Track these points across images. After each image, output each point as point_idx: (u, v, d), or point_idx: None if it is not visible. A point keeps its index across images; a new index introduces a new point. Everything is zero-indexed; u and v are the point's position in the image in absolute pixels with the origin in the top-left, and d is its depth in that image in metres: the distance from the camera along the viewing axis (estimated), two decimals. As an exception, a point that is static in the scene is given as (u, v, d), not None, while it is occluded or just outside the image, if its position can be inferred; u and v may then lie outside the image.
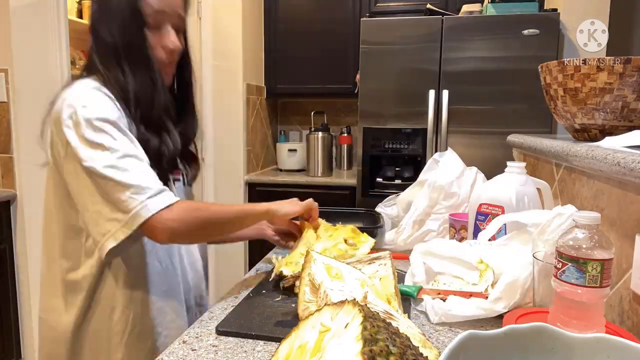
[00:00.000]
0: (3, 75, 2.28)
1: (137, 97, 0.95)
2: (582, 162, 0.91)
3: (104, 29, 0.95)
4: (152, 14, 0.95)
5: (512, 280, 0.83)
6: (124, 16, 0.93)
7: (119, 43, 0.94)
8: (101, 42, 0.96)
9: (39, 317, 1.02)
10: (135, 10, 0.93)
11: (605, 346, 0.48)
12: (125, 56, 0.95)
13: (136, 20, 0.94)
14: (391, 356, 0.46)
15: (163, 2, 0.96)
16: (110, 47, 0.95)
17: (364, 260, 0.93)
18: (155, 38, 0.97)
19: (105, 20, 0.95)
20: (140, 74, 0.95)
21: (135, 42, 0.95)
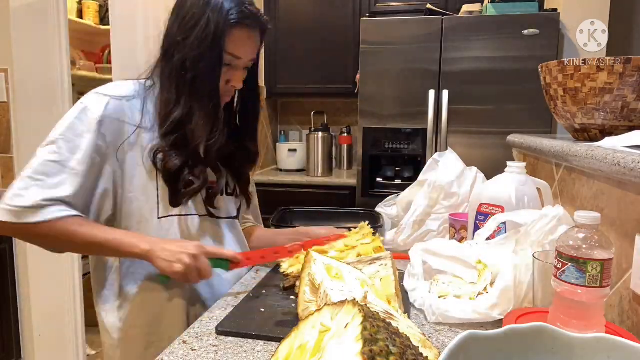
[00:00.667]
0: (3, 75, 2.28)
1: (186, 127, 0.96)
2: (582, 162, 0.91)
3: (178, 53, 0.96)
4: (229, 55, 0.97)
5: (505, 286, 0.83)
6: (204, 48, 0.94)
7: (190, 72, 0.95)
8: (169, 61, 0.98)
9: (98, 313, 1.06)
10: (217, 46, 0.94)
11: (605, 346, 0.48)
12: (190, 86, 0.96)
13: (215, 56, 0.95)
14: (391, 356, 0.46)
15: (242, 48, 0.98)
16: (176, 70, 0.96)
17: (364, 261, 0.93)
18: (224, 73, 0.99)
19: (183, 44, 0.95)
20: (200, 107, 0.96)
21: (206, 77, 0.96)
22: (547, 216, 0.88)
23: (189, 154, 0.98)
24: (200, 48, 0.94)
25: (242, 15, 0.95)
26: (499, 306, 0.82)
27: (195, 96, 0.96)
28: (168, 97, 0.97)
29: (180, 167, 0.97)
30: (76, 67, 2.86)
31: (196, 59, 0.94)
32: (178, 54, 0.96)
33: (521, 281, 0.84)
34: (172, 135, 0.97)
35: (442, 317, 0.85)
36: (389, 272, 0.87)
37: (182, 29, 0.96)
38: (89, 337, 2.49)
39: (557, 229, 0.86)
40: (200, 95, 0.96)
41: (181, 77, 0.96)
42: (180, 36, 0.95)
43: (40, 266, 2.33)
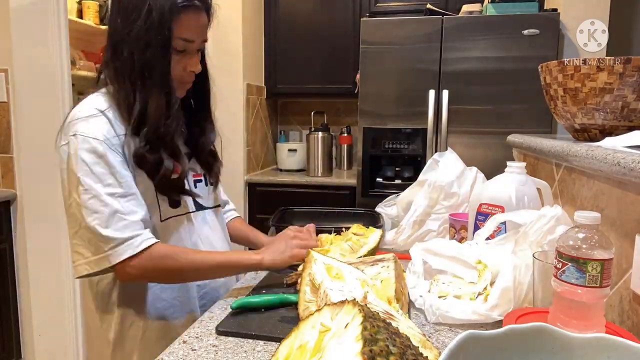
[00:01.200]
0: (3, 75, 2.28)
1: (146, 119, 0.95)
2: (582, 162, 0.91)
3: (125, 46, 0.94)
4: (180, 41, 0.95)
5: (505, 286, 0.83)
6: (148, 38, 0.92)
7: (138, 63, 0.94)
8: (118, 58, 0.96)
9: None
10: (164, 35, 0.93)
11: (605, 346, 0.48)
12: (141, 77, 0.94)
13: (163, 45, 0.93)
14: (391, 356, 0.46)
15: (193, 31, 0.96)
16: (126, 65, 0.95)
17: (367, 262, 0.93)
18: (179, 60, 0.97)
19: (125, 36, 0.94)
20: (155, 96, 0.95)
21: (156, 65, 0.94)
22: (546, 216, 0.88)
23: (163, 145, 0.98)
24: (146, 38, 0.92)
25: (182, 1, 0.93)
26: (498, 307, 0.82)
27: (149, 87, 0.95)
28: (126, 94, 0.96)
29: (156, 161, 0.96)
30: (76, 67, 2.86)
31: (143, 49, 0.93)
32: (126, 49, 0.94)
33: (521, 282, 0.84)
34: (140, 131, 0.95)
35: (442, 318, 0.85)
36: (391, 275, 0.87)
37: (125, 23, 0.94)
38: (89, 337, 2.49)
39: (556, 229, 0.86)
40: (153, 85, 0.95)
41: (132, 70, 0.94)
42: (125, 30, 0.94)
43: (40, 266, 2.33)
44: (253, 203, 2.95)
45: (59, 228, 2.29)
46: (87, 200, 0.89)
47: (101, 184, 0.90)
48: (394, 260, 0.91)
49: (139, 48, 0.93)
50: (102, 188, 0.90)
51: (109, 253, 0.89)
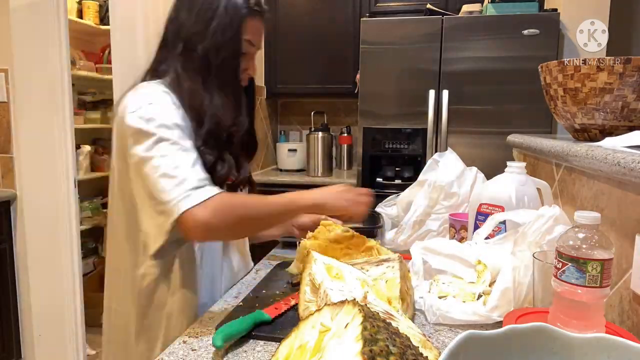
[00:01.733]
0: (3, 75, 2.28)
1: (214, 118, 0.95)
2: (582, 162, 0.91)
3: (200, 44, 0.95)
4: (247, 43, 0.99)
5: (505, 287, 0.83)
6: (223, 37, 0.95)
7: (212, 61, 0.96)
8: (188, 54, 0.97)
9: (108, 307, 1.05)
10: (236, 35, 0.96)
11: (605, 346, 0.48)
12: (215, 75, 0.97)
13: (237, 45, 0.97)
14: (391, 356, 0.46)
15: (256, 36, 1.01)
16: (199, 61, 0.96)
17: (372, 262, 0.93)
18: (242, 62, 1.01)
19: (200, 32, 0.95)
20: (226, 96, 0.97)
21: (229, 65, 0.97)
22: (544, 216, 0.88)
23: (221, 146, 0.97)
24: (222, 37, 0.95)
25: (254, 4, 0.98)
26: (499, 308, 0.82)
27: (220, 85, 0.97)
28: (195, 89, 0.96)
29: (214, 162, 0.96)
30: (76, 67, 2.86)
31: (218, 48, 0.95)
32: (200, 45, 0.95)
33: (520, 282, 0.84)
34: (205, 127, 0.95)
35: (442, 318, 0.85)
36: (396, 275, 0.87)
37: (199, 20, 0.96)
38: (89, 337, 2.49)
39: (554, 229, 0.86)
40: (225, 83, 0.98)
41: (205, 67, 0.96)
42: (198, 27, 0.96)
43: (40, 266, 2.33)
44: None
45: (59, 228, 2.29)
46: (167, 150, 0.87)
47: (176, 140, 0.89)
48: (399, 261, 0.91)
49: (214, 48, 0.95)
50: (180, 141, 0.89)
51: (187, 194, 0.84)
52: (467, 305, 0.85)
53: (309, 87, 3.12)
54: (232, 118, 0.98)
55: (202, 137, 0.95)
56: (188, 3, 0.98)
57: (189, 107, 0.95)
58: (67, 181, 2.26)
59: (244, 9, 0.97)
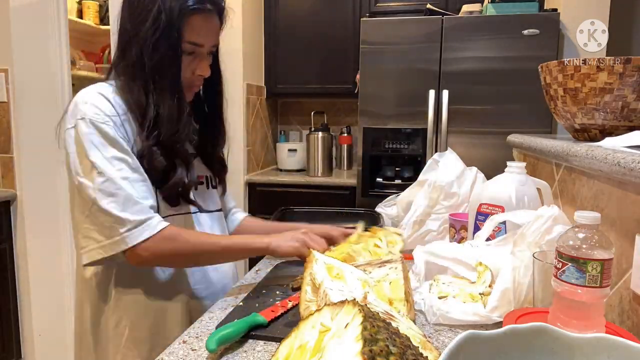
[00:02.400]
0: (3, 75, 2.28)
1: (158, 121, 0.94)
2: (582, 162, 0.91)
3: (135, 47, 0.93)
4: (189, 44, 0.94)
5: (505, 288, 0.83)
6: (160, 40, 0.91)
7: (149, 64, 0.93)
8: (129, 59, 0.94)
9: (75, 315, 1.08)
10: (173, 38, 0.91)
11: (605, 346, 0.48)
12: (152, 78, 0.94)
13: (173, 48, 0.92)
14: (391, 356, 0.46)
15: (204, 34, 0.95)
16: (138, 66, 0.93)
17: (374, 263, 0.92)
18: (188, 64, 0.96)
19: (138, 38, 0.92)
20: (166, 101, 0.94)
21: (167, 68, 0.93)
22: (543, 217, 0.88)
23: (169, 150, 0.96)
24: (154, 39, 0.91)
25: (196, 1, 0.92)
26: (499, 308, 0.82)
27: (159, 89, 0.94)
28: (137, 96, 0.94)
29: (164, 169, 0.95)
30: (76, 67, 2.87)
31: (152, 51, 0.92)
32: (134, 49, 0.93)
33: (520, 283, 0.84)
34: (153, 133, 0.94)
35: (442, 318, 0.85)
36: (399, 276, 0.87)
37: (134, 22, 0.93)
38: (89, 337, 2.48)
39: (553, 229, 0.86)
40: (164, 86, 0.94)
41: (141, 71, 0.93)
42: (133, 30, 0.93)
43: (40, 266, 2.33)
44: (253, 203, 2.95)
45: (59, 228, 2.29)
46: (102, 183, 0.87)
47: (114, 167, 0.89)
48: (401, 262, 0.91)
49: (147, 50, 0.92)
50: (116, 172, 0.89)
51: (125, 235, 0.87)
52: (468, 306, 0.85)
53: (309, 87, 3.12)
54: (176, 121, 0.95)
55: (149, 141, 0.94)
56: (128, 7, 0.96)
57: (131, 111, 0.94)
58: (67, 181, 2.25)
59: (186, 7, 0.91)
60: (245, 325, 0.80)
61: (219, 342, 0.74)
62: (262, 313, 0.85)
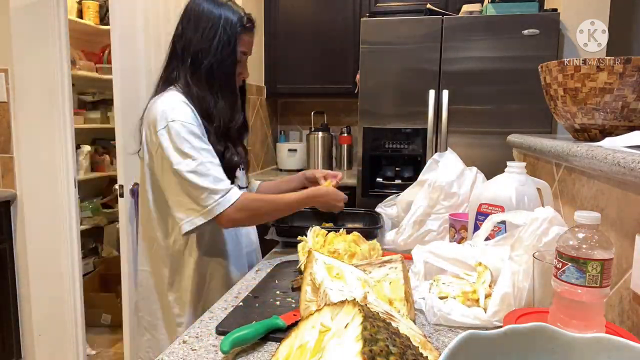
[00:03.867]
0: (3, 75, 2.28)
1: (220, 117, 1.20)
2: (582, 162, 0.91)
3: (202, 57, 1.19)
4: (241, 54, 1.24)
5: (505, 292, 0.83)
6: (223, 52, 1.19)
7: (215, 72, 1.20)
8: (196, 66, 1.20)
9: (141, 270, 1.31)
10: (233, 49, 1.21)
11: (605, 346, 0.48)
12: (217, 83, 1.20)
13: (232, 57, 1.22)
14: (391, 356, 0.46)
15: (248, 46, 1.26)
16: (204, 72, 1.20)
17: (374, 263, 0.92)
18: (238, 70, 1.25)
19: (205, 49, 1.19)
20: (227, 99, 1.22)
21: (228, 73, 1.22)
22: (538, 219, 0.87)
23: (226, 138, 1.23)
24: (222, 53, 1.19)
25: (244, 23, 1.22)
26: (499, 312, 0.82)
27: (222, 89, 1.21)
28: (203, 94, 1.20)
29: (223, 152, 1.22)
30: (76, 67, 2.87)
31: (220, 61, 1.20)
32: (205, 59, 1.19)
33: (520, 287, 0.84)
34: (213, 125, 1.20)
35: (443, 319, 0.85)
36: (399, 276, 0.87)
37: (204, 39, 1.19)
38: (89, 337, 2.49)
39: (550, 231, 0.86)
40: (225, 88, 1.22)
41: (210, 76, 1.20)
42: (203, 45, 1.19)
43: (40, 266, 2.33)
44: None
45: (59, 228, 2.29)
46: (196, 166, 1.12)
47: (202, 155, 1.14)
48: (401, 261, 0.91)
49: (217, 60, 1.19)
50: (204, 158, 1.14)
51: (220, 201, 1.13)
52: (468, 309, 0.85)
53: (309, 87, 3.12)
54: (231, 115, 1.24)
55: (212, 133, 1.20)
56: (194, 23, 1.20)
57: (199, 109, 1.19)
58: (67, 181, 2.26)
59: (239, 27, 1.21)
60: (262, 329, 0.79)
61: (232, 343, 0.73)
62: (283, 317, 0.84)
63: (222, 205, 1.13)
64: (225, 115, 1.22)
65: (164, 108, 1.16)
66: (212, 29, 1.19)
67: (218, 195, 1.13)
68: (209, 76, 1.20)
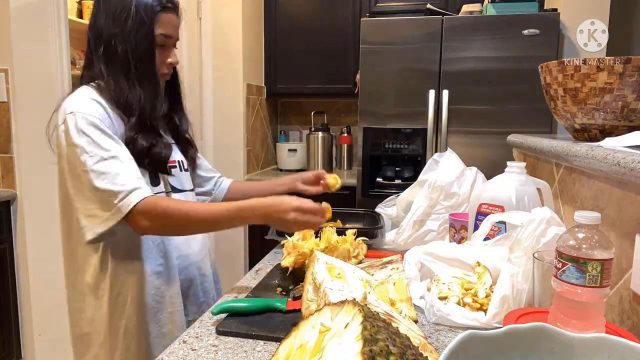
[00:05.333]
0: (3, 75, 2.28)
1: (140, 106, 1.07)
2: (582, 162, 0.91)
3: (115, 43, 1.06)
4: (161, 36, 1.09)
5: (504, 295, 0.83)
6: (137, 35, 1.06)
7: (130, 57, 1.06)
8: (110, 54, 1.07)
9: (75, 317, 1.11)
10: (149, 31, 1.07)
11: (605, 346, 0.48)
12: (134, 70, 1.07)
13: (149, 40, 1.07)
14: (391, 356, 0.46)
15: (171, 28, 1.11)
16: (119, 59, 1.06)
17: (375, 265, 0.92)
18: (159, 54, 1.11)
19: (117, 34, 1.05)
20: (146, 86, 1.08)
21: (145, 59, 1.08)
22: (535, 220, 0.87)
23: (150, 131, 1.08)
24: (137, 37, 1.06)
25: (162, 2, 1.09)
26: (499, 315, 0.82)
27: (140, 77, 1.08)
28: (120, 87, 1.06)
29: (147, 146, 1.07)
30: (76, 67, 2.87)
31: (135, 45, 1.06)
32: (119, 45, 1.06)
33: (519, 289, 0.84)
34: (133, 118, 1.06)
35: (442, 320, 0.85)
36: (402, 276, 0.87)
37: (116, 22, 1.06)
38: (89, 337, 2.48)
39: (547, 231, 0.86)
40: (144, 76, 1.08)
41: (126, 64, 1.06)
42: (115, 29, 1.06)
43: (40, 266, 2.33)
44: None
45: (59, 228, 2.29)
46: (94, 164, 0.96)
47: (104, 150, 0.98)
48: (402, 262, 0.91)
49: (131, 44, 1.05)
50: (106, 152, 0.98)
51: (119, 205, 0.95)
52: (468, 311, 0.85)
53: (309, 87, 3.12)
54: (152, 104, 1.09)
55: (133, 127, 1.06)
56: (104, 8, 1.08)
57: (117, 103, 1.06)
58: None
59: (156, 6, 1.07)
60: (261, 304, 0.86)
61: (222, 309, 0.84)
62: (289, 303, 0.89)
63: (122, 209, 0.95)
64: (146, 105, 1.07)
65: (65, 104, 1.04)
66: (123, 12, 1.06)
67: (117, 199, 0.96)
68: (125, 63, 1.06)
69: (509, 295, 0.83)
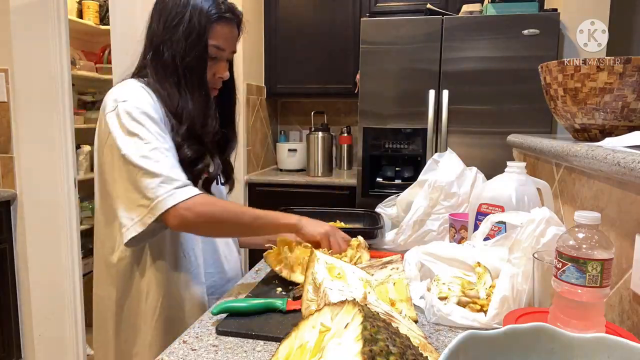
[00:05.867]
0: (3, 75, 2.28)
1: (190, 117, 1.04)
2: (582, 162, 0.91)
3: (167, 50, 1.04)
4: (213, 48, 1.06)
5: (503, 295, 0.83)
6: (190, 43, 1.03)
7: (182, 64, 1.03)
8: (161, 61, 1.05)
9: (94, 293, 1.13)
10: (202, 41, 1.03)
11: (605, 346, 0.48)
12: (184, 77, 1.04)
13: (201, 50, 1.04)
14: (391, 356, 0.46)
15: (225, 40, 1.07)
16: (168, 66, 1.04)
17: (375, 265, 0.92)
18: (210, 67, 1.07)
19: (170, 41, 1.03)
20: (196, 96, 1.05)
21: (196, 68, 1.05)
22: (534, 221, 0.87)
23: (198, 143, 1.05)
24: (186, 43, 1.02)
25: (220, 11, 1.05)
26: (499, 316, 0.82)
27: (190, 89, 1.04)
28: (170, 92, 1.04)
29: (193, 158, 1.03)
30: (76, 67, 2.87)
31: (184, 53, 1.03)
32: (167, 51, 1.03)
33: (519, 289, 0.84)
34: (183, 125, 1.03)
35: (442, 320, 0.85)
36: (402, 276, 0.87)
37: (167, 28, 1.04)
38: (89, 337, 2.48)
39: (547, 231, 0.86)
40: (193, 88, 1.05)
41: (174, 71, 1.04)
42: (166, 34, 1.04)
43: (40, 266, 2.33)
44: (253, 203, 2.95)
45: (59, 228, 2.29)
46: (149, 151, 0.94)
47: (159, 140, 0.96)
48: (402, 262, 0.91)
49: (180, 51, 1.03)
50: (161, 144, 0.96)
51: (173, 192, 0.93)
52: (468, 312, 0.85)
53: (309, 87, 3.12)
54: (203, 119, 1.05)
55: (181, 135, 1.03)
56: (159, 12, 1.06)
57: (167, 108, 1.03)
58: (67, 181, 2.26)
59: (212, 15, 1.03)
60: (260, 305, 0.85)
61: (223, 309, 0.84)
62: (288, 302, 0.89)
63: (175, 197, 0.92)
64: (196, 119, 1.04)
65: (115, 90, 1.02)
66: (176, 17, 1.03)
67: (172, 186, 0.93)
68: (174, 71, 1.03)
69: (509, 296, 0.83)
